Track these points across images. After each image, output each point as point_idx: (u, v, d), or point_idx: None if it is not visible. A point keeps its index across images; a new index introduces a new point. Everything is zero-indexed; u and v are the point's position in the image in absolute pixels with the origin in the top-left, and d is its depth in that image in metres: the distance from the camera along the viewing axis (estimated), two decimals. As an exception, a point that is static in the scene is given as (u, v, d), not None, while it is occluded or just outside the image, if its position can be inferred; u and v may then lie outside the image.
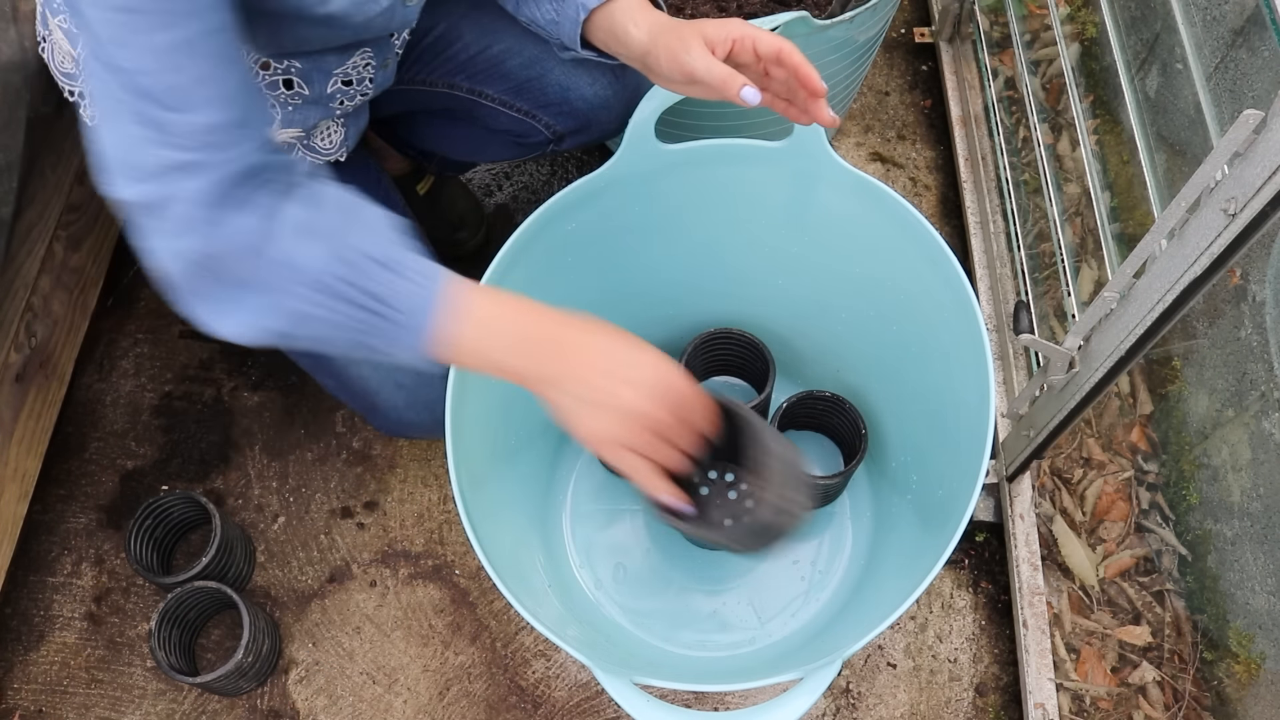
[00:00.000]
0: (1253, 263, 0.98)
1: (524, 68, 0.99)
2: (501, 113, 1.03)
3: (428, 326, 0.64)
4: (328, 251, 0.64)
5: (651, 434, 0.68)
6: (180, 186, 0.60)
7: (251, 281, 0.63)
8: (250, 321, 0.64)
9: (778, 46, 0.77)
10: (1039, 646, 1.03)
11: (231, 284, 0.63)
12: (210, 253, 0.62)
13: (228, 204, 0.62)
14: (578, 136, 1.04)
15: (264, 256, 0.63)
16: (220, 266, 0.63)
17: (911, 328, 0.98)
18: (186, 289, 0.64)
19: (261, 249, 0.63)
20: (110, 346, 1.31)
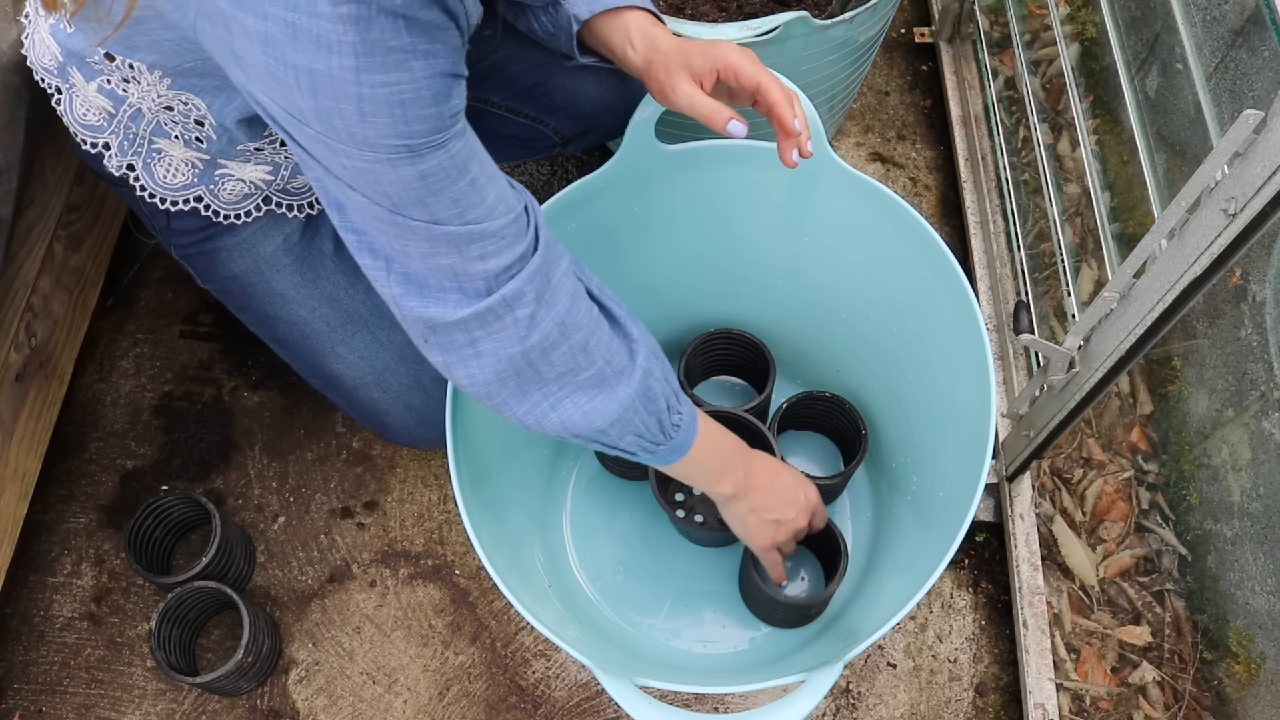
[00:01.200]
0: (1253, 263, 0.98)
1: (528, 73, 0.99)
2: (508, 119, 1.03)
3: (685, 451, 0.78)
4: (655, 360, 0.74)
5: (792, 539, 0.93)
6: (509, 290, 0.63)
7: (562, 371, 0.68)
8: (572, 415, 0.70)
9: (756, 81, 0.78)
10: (1039, 646, 1.03)
11: (549, 380, 0.69)
12: (534, 344, 0.66)
13: (548, 291, 0.66)
14: (584, 139, 1.04)
15: (577, 344, 0.68)
16: (542, 362, 0.67)
17: (911, 328, 0.98)
18: (502, 391, 0.68)
19: (576, 337, 0.68)
20: (110, 346, 1.31)
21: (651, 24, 0.82)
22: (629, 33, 0.82)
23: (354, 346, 0.98)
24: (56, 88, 0.84)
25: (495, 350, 0.65)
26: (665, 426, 0.75)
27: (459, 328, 0.64)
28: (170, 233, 0.92)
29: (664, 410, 0.74)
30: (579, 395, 0.70)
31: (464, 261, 0.62)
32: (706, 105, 0.78)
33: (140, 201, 0.89)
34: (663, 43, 0.80)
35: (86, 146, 0.85)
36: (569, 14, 0.84)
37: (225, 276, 0.95)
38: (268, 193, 0.90)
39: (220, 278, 0.95)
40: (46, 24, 0.81)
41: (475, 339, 0.65)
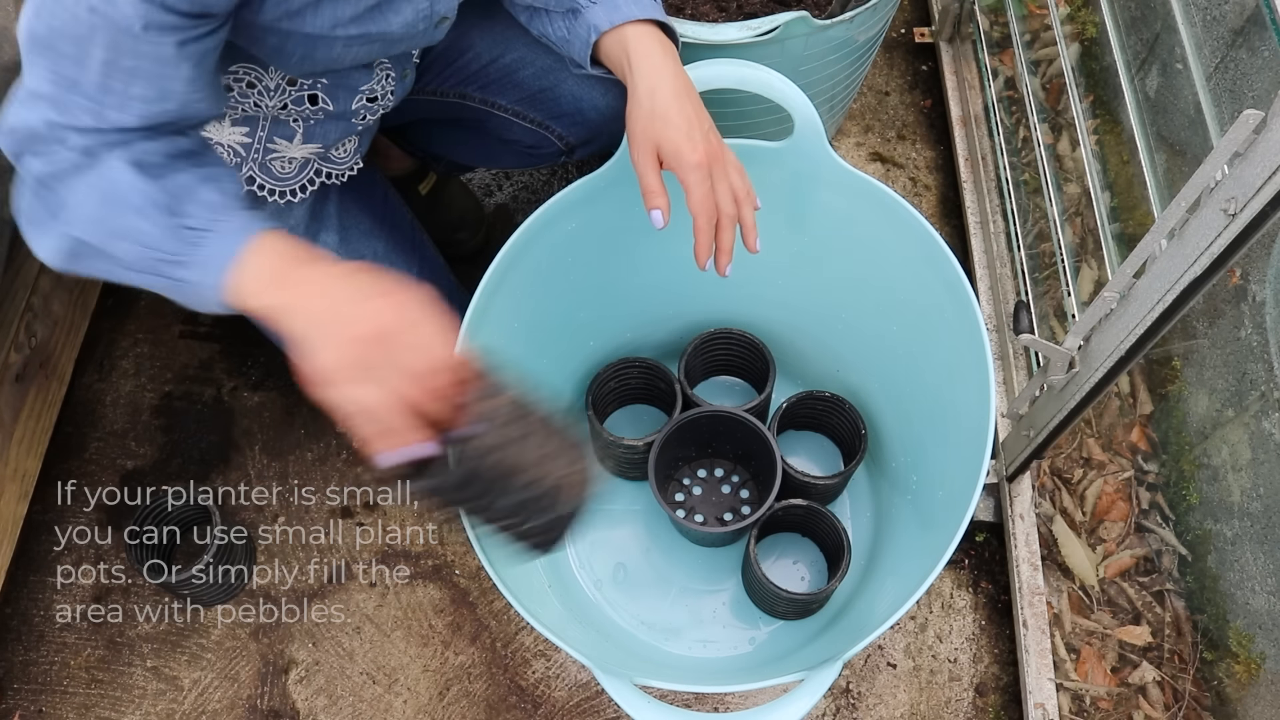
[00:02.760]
0: (1253, 263, 0.98)
1: (536, 78, 0.99)
2: (514, 123, 1.03)
3: (224, 265, 0.63)
4: (154, 186, 0.66)
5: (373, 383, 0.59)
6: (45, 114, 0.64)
7: (79, 206, 0.66)
8: (61, 235, 0.67)
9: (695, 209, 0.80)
10: (1039, 646, 1.03)
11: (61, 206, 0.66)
12: (52, 174, 0.66)
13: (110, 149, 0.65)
14: (589, 146, 1.04)
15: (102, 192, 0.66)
16: (57, 186, 0.66)
17: (911, 328, 0.98)
18: (25, 214, 0.68)
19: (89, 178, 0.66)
20: (110, 346, 1.31)
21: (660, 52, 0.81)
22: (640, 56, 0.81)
23: None
24: None
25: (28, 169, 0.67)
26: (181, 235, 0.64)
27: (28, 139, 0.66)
28: None
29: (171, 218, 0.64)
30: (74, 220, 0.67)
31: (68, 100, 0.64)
32: (648, 181, 0.80)
33: None
34: (661, 84, 0.80)
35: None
36: (589, 23, 0.83)
37: None
38: (250, 170, 0.90)
39: None
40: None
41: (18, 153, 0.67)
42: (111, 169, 0.65)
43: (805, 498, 1.02)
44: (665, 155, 0.80)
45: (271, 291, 0.62)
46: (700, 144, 0.79)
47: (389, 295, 0.60)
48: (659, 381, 1.11)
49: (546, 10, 0.88)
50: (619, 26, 0.82)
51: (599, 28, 0.82)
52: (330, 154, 0.94)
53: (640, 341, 1.14)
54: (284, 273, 0.62)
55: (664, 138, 0.79)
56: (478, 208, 1.37)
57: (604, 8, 0.82)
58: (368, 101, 0.90)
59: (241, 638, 1.12)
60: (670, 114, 0.79)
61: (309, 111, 0.87)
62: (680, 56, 0.84)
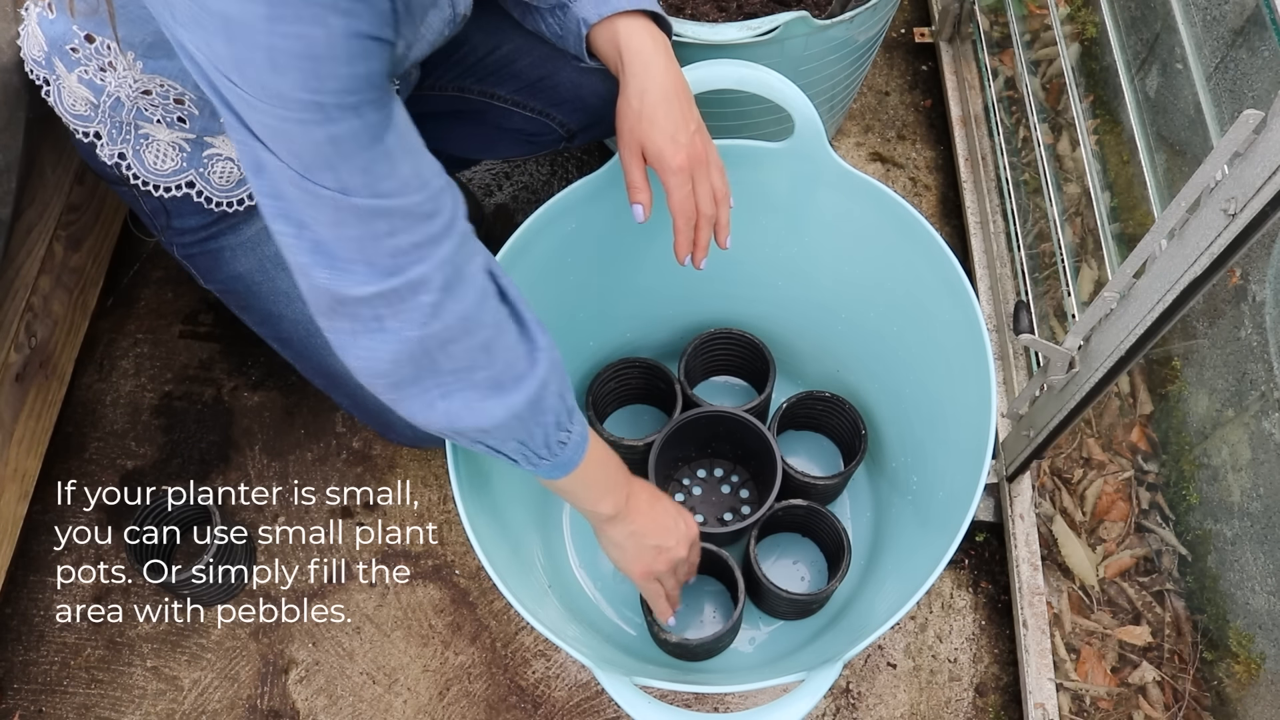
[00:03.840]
0: (1253, 263, 0.98)
1: (534, 67, 0.99)
2: (514, 112, 1.03)
3: (565, 475, 0.76)
4: (552, 371, 0.71)
5: (672, 570, 0.89)
6: (415, 273, 0.62)
7: (457, 368, 0.67)
8: (454, 409, 0.68)
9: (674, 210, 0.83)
10: (1039, 646, 1.03)
11: (439, 370, 0.66)
12: (435, 333, 0.64)
13: (457, 282, 0.64)
14: (590, 132, 1.04)
15: (478, 342, 0.67)
16: (439, 351, 0.65)
17: (911, 328, 0.98)
18: (394, 375, 0.66)
19: (479, 335, 0.67)
20: (110, 346, 1.31)
21: (654, 49, 0.82)
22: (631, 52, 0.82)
23: None
24: (45, 79, 0.85)
25: (398, 330, 0.64)
26: (550, 442, 0.73)
27: (364, 303, 0.63)
28: (172, 232, 0.92)
29: (552, 426, 0.73)
30: (470, 393, 0.68)
31: (372, 236, 0.61)
32: (633, 176, 0.83)
33: (141, 200, 0.89)
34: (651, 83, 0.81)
35: (79, 136, 0.86)
36: (577, 17, 0.83)
37: (229, 276, 0.95)
38: None
39: (224, 277, 0.95)
40: (35, 13, 0.82)
41: (380, 315, 0.64)
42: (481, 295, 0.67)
43: (805, 498, 1.02)
44: (649, 157, 0.82)
45: (610, 501, 0.82)
46: (684, 148, 0.81)
47: (686, 521, 0.90)
48: (659, 381, 1.11)
49: (537, 7, 0.88)
50: (610, 19, 0.82)
51: (587, 21, 0.83)
52: None
53: (640, 341, 1.14)
54: (618, 486, 0.82)
55: (649, 139, 0.81)
56: (477, 208, 1.37)
57: (591, 0, 0.82)
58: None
59: (241, 638, 1.12)
60: (657, 116, 0.81)
61: None
62: (674, 51, 0.84)
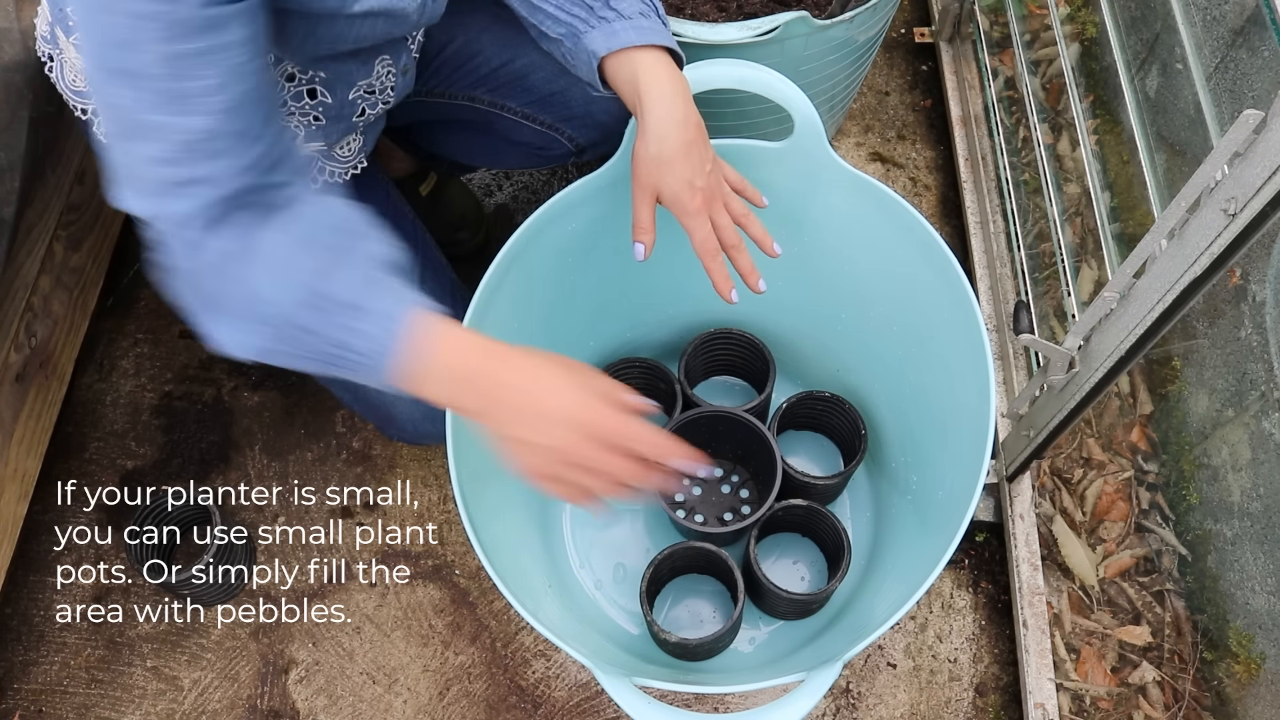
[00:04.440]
0: (1253, 263, 0.98)
1: (548, 82, 0.98)
2: (524, 125, 1.03)
3: (385, 367, 0.66)
4: (296, 290, 0.65)
5: (569, 465, 0.67)
6: (173, 206, 0.62)
7: (226, 304, 0.66)
8: (233, 340, 0.67)
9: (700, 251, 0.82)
10: (1039, 646, 1.03)
11: (214, 304, 0.66)
12: (192, 269, 0.64)
13: (211, 226, 0.64)
14: (599, 148, 1.04)
15: (234, 282, 0.65)
16: (202, 285, 0.65)
17: (911, 328, 0.98)
18: (193, 305, 0.66)
19: (232, 274, 0.65)
20: (110, 346, 1.31)
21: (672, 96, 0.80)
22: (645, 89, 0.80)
23: None
24: (49, 55, 0.85)
25: (176, 260, 0.65)
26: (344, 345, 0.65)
27: (143, 225, 0.64)
28: None
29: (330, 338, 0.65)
30: (236, 322, 0.67)
31: (147, 160, 0.61)
32: (640, 217, 0.82)
33: None
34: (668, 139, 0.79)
35: (79, 114, 0.86)
36: (587, 49, 0.82)
37: None
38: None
39: None
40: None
41: (161, 244, 0.65)
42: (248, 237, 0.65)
43: (805, 498, 1.02)
44: (665, 201, 0.82)
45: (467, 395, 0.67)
46: (700, 191, 0.81)
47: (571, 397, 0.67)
48: (659, 382, 1.11)
49: (550, 35, 0.87)
50: (624, 52, 0.80)
51: (596, 54, 0.81)
52: (334, 153, 0.94)
53: (640, 341, 1.14)
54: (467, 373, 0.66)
55: (665, 186, 0.81)
56: (478, 208, 1.37)
57: (601, 32, 0.81)
58: (365, 94, 0.89)
59: (241, 638, 1.12)
60: (675, 163, 0.80)
61: (309, 107, 0.87)
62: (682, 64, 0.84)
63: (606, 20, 0.80)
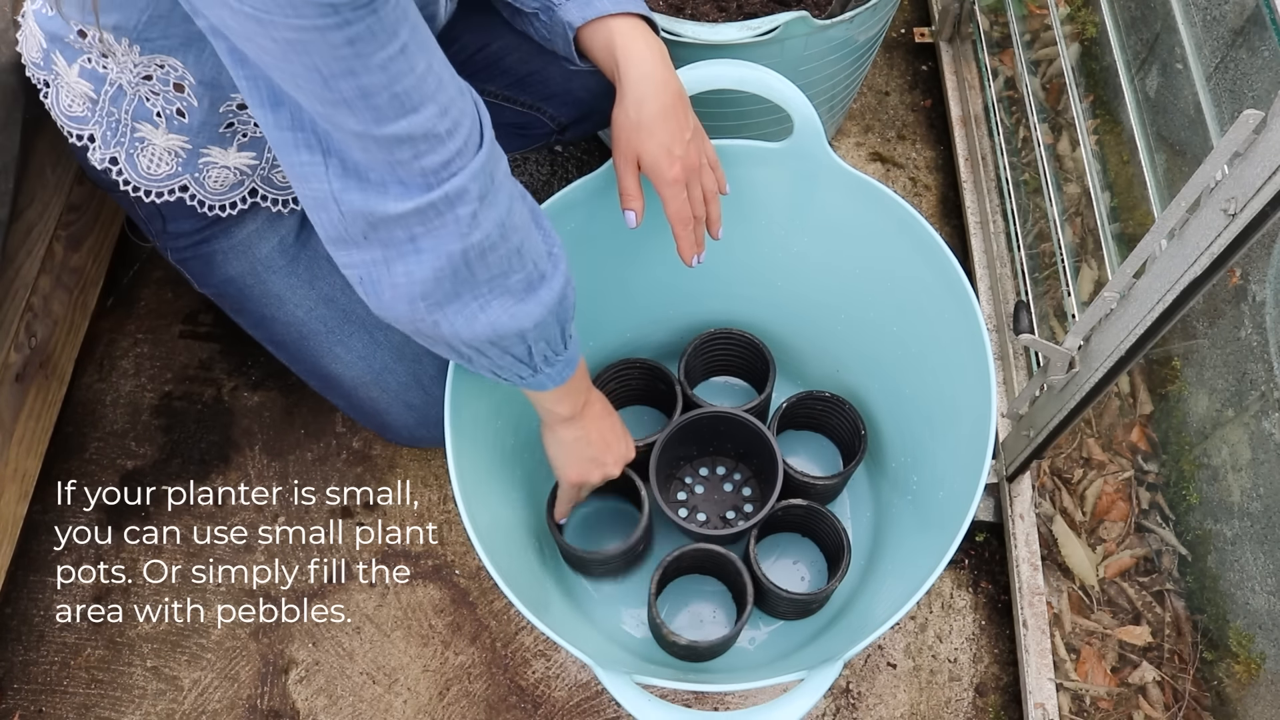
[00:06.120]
0: (1253, 263, 0.98)
1: (524, 62, 0.99)
2: (505, 107, 1.03)
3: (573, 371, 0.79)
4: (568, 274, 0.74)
5: (598, 481, 0.93)
6: (453, 186, 0.62)
7: (495, 274, 0.68)
8: (496, 318, 0.69)
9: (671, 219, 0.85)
10: (1039, 646, 1.03)
11: (478, 281, 0.67)
12: (475, 243, 0.65)
13: (492, 190, 0.65)
14: (581, 125, 1.04)
15: (513, 246, 0.68)
16: (479, 260, 0.66)
17: (911, 328, 0.98)
18: (437, 290, 0.66)
19: (514, 238, 0.68)
20: (110, 346, 1.31)
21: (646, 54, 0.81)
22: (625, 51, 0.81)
23: (352, 346, 0.98)
24: (44, 81, 0.85)
25: (435, 247, 0.64)
26: (565, 336, 0.76)
27: (399, 223, 0.63)
28: (166, 236, 0.92)
29: (569, 320, 0.76)
30: (507, 299, 0.69)
31: (399, 162, 0.61)
32: (625, 184, 0.85)
33: (135, 205, 0.89)
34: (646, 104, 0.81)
35: (73, 140, 0.86)
36: (563, 20, 0.83)
37: (221, 279, 0.95)
38: (254, 183, 0.90)
39: (216, 281, 0.95)
40: (32, 11, 0.83)
41: (415, 235, 0.64)
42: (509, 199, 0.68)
43: (805, 498, 1.02)
44: (645, 168, 0.83)
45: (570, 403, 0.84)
46: (678, 160, 0.82)
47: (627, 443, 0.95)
48: (660, 384, 1.11)
49: (524, 11, 0.88)
50: (602, 20, 0.82)
51: (572, 25, 0.82)
52: None
53: (640, 341, 1.14)
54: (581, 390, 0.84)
55: (645, 151, 0.82)
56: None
57: (575, 4, 0.82)
58: None
59: (241, 638, 1.12)
60: (655, 129, 0.81)
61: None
62: (674, 51, 0.85)
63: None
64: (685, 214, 0.84)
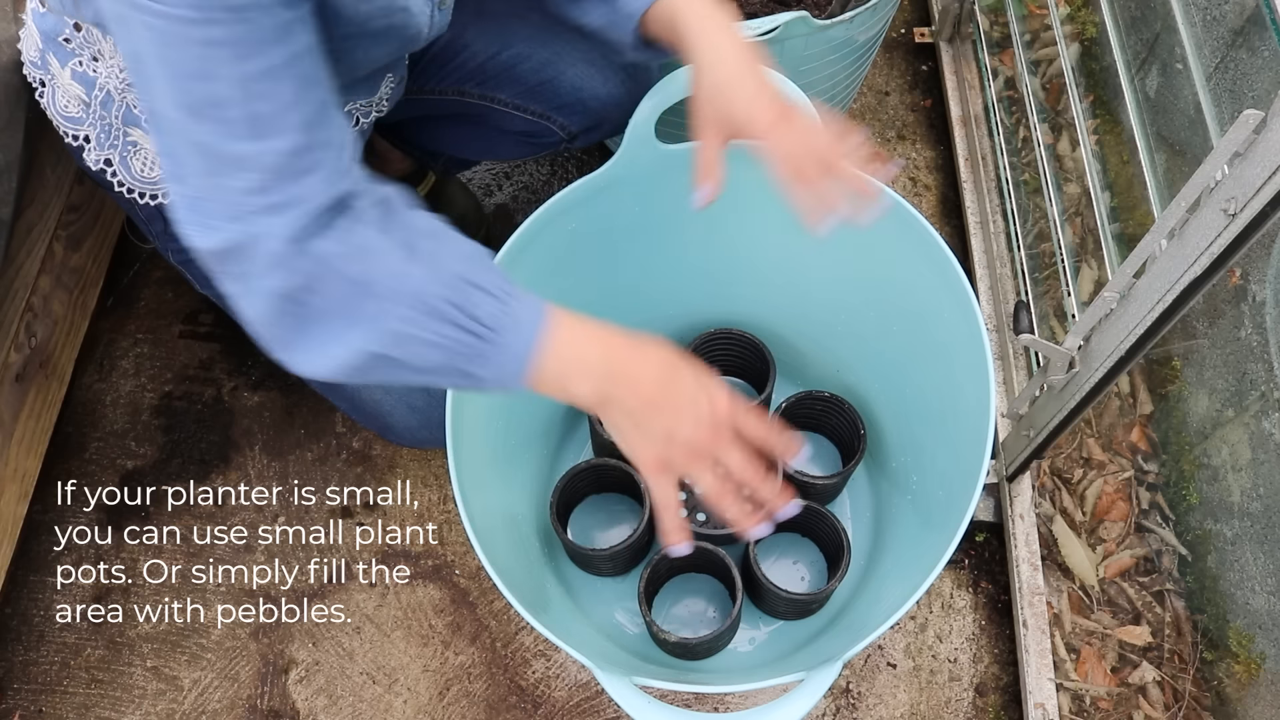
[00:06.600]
0: (1253, 263, 0.98)
1: (536, 71, 0.99)
2: (515, 116, 1.03)
3: (526, 354, 0.64)
4: (427, 273, 0.63)
5: (691, 455, 0.67)
6: (268, 224, 0.59)
7: (344, 309, 0.62)
8: (347, 350, 0.62)
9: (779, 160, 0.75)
10: (1039, 646, 1.03)
11: (323, 316, 0.62)
12: (300, 285, 0.61)
13: (316, 234, 0.61)
14: (591, 134, 1.04)
15: (357, 281, 0.62)
16: (311, 299, 0.61)
17: (911, 328, 0.98)
18: (277, 330, 0.63)
19: (354, 274, 0.61)
20: (110, 346, 1.31)
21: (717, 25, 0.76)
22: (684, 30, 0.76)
23: None
24: (40, 80, 0.85)
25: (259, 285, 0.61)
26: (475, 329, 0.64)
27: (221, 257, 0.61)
28: (167, 238, 0.92)
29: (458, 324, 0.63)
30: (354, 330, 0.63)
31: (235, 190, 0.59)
32: (705, 158, 0.77)
33: (134, 206, 0.89)
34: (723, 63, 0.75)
35: (69, 139, 0.86)
36: (626, 9, 0.79)
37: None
38: None
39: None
40: (30, 9, 0.83)
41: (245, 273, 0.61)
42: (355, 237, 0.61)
43: (805, 498, 1.02)
44: (738, 125, 0.76)
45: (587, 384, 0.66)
46: (770, 105, 0.75)
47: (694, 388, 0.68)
48: (659, 381, 1.11)
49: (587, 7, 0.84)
50: (659, 3, 0.78)
51: (634, 14, 0.78)
52: None
53: (640, 341, 1.14)
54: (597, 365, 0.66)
55: (733, 108, 0.75)
56: (478, 208, 1.37)
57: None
58: (362, 106, 0.89)
59: (241, 638, 1.12)
60: (739, 83, 0.75)
61: None
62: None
63: None
64: (794, 165, 0.75)
